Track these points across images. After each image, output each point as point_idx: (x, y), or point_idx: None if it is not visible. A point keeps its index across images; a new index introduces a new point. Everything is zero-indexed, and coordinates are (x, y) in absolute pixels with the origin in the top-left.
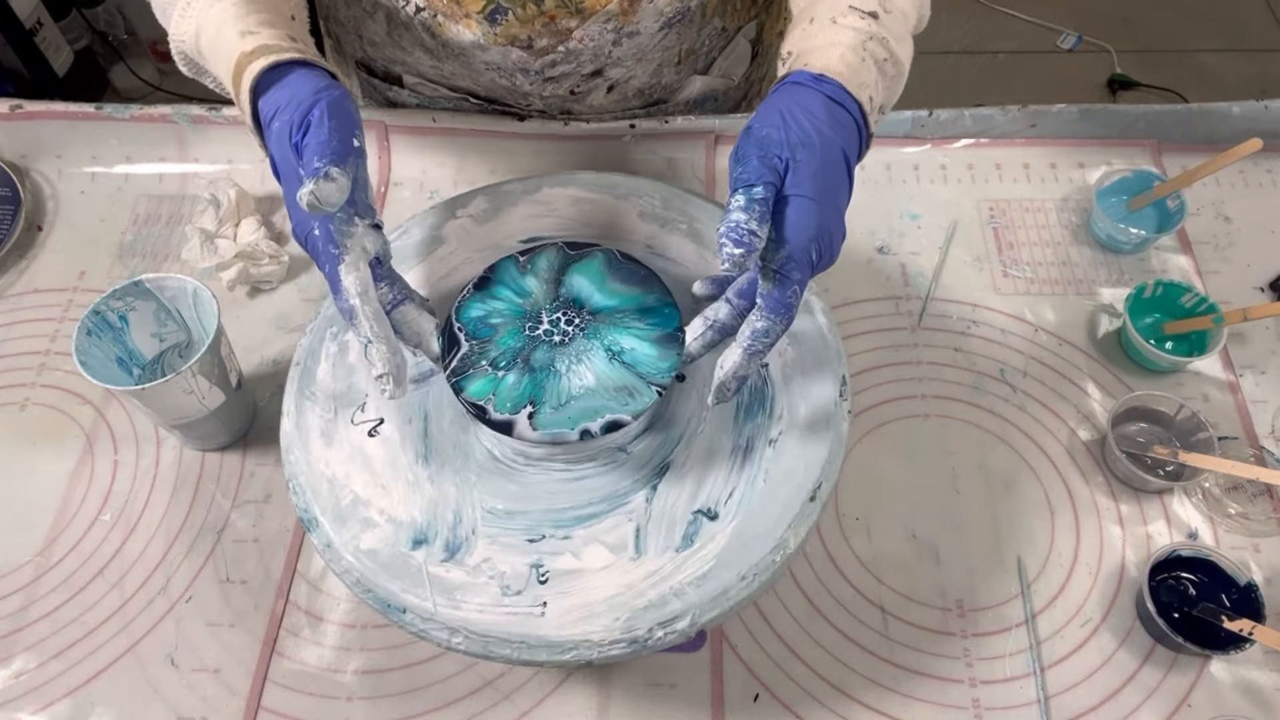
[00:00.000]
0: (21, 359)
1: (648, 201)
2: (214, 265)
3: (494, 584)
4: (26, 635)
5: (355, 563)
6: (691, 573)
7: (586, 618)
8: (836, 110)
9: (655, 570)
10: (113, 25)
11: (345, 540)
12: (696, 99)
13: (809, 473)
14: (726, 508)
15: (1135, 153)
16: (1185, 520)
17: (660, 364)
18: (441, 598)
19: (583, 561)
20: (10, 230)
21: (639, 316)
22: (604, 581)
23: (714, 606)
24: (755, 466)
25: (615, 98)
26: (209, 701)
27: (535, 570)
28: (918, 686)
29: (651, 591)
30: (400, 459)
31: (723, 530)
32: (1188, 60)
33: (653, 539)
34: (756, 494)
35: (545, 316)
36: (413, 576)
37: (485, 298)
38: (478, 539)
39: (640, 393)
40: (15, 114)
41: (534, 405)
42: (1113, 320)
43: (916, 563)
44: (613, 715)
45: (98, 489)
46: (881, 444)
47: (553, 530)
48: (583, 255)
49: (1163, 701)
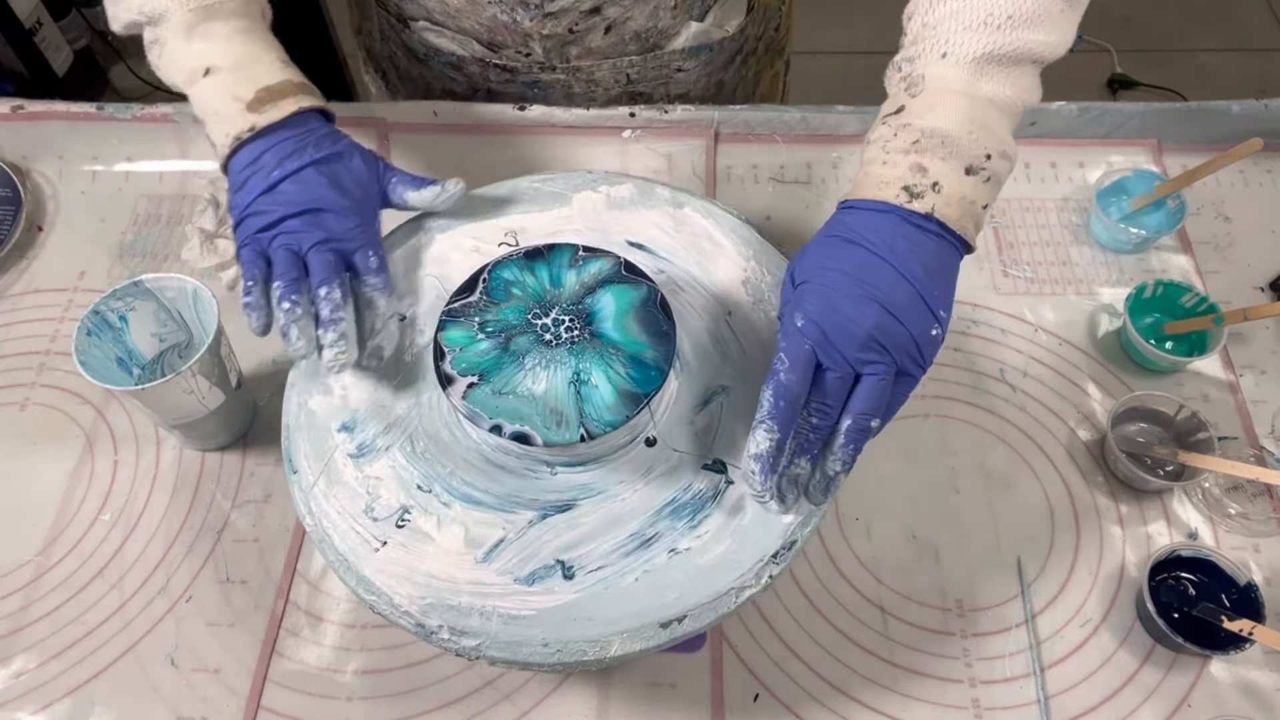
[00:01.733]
0: (21, 359)
1: (762, 274)
2: (214, 265)
3: (364, 499)
4: (26, 635)
5: (295, 411)
6: (510, 608)
7: (403, 578)
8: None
9: (485, 583)
10: None
11: (303, 390)
12: (691, 47)
13: (681, 602)
14: (586, 577)
15: (1135, 152)
16: (1185, 520)
17: (606, 413)
18: (323, 482)
19: (440, 533)
20: (11, 230)
21: (627, 362)
22: (440, 560)
23: (504, 650)
24: (639, 561)
25: (612, 40)
26: (209, 701)
27: (402, 511)
28: (918, 686)
29: (466, 597)
30: (386, 356)
31: (565, 593)
32: (1188, 60)
33: (506, 556)
34: (620, 585)
35: (554, 313)
36: (321, 450)
37: (524, 268)
38: (385, 456)
39: (568, 426)
40: (16, 114)
41: (480, 378)
42: (1113, 320)
43: (916, 563)
44: (613, 715)
45: (98, 489)
46: (881, 444)
47: (441, 491)
48: (630, 281)
49: (1163, 701)
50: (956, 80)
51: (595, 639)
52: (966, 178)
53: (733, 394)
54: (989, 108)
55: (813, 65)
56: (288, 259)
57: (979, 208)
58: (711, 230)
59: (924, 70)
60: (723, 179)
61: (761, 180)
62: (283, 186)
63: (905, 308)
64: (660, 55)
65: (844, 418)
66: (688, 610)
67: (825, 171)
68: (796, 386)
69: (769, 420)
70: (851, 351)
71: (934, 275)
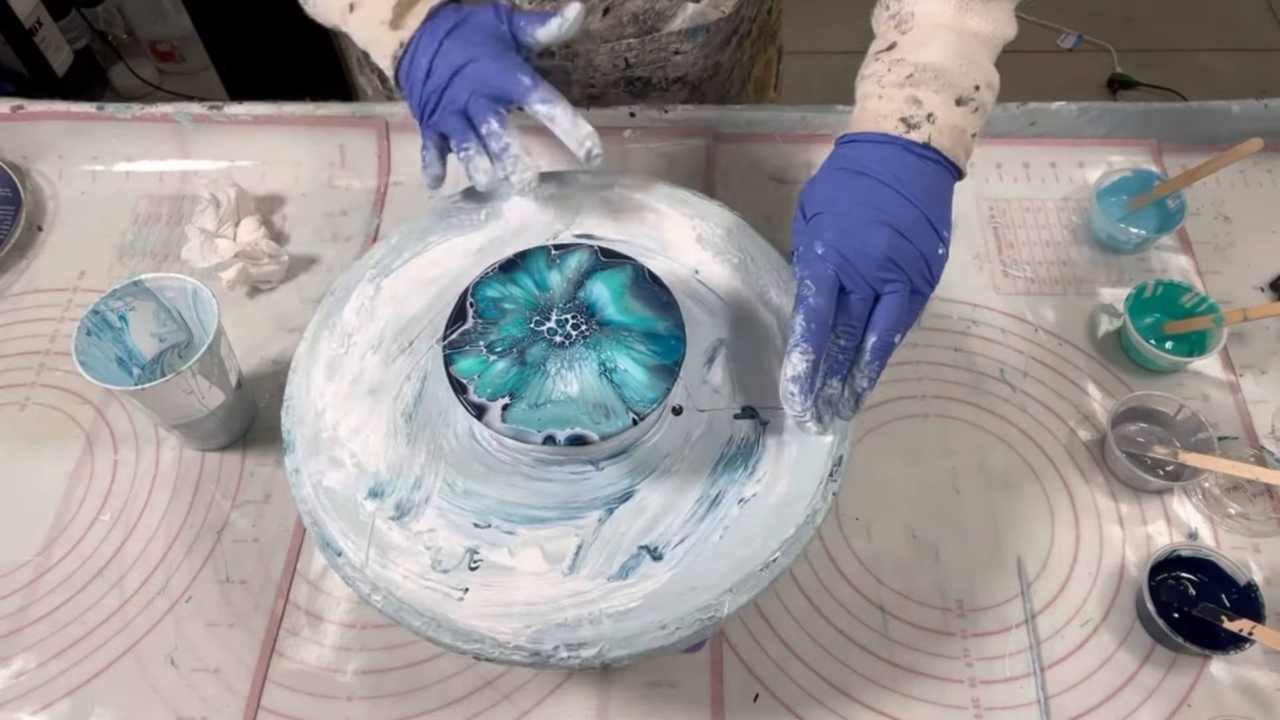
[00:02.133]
0: (21, 359)
1: (711, 227)
2: (214, 265)
3: (428, 555)
4: (26, 635)
5: (312, 495)
6: (615, 605)
7: (499, 615)
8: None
9: (582, 591)
10: (113, 25)
11: (312, 471)
12: (688, 29)
13: (768, 544)
14: (674, 552)
15: (1135, 152)
16: (1185, 520)
17: (647, 392)
18: (376, 553)
19: (516, 560)
20: (11, 230)
21: (644, 340)
22: (529, 586)
23: (625, 646)
24: (716, 521)
25: (610, 22)
26: (209, 701)
27: (470, 554)
28: (918, 686)
29: (570, 610)
30: (387, 410)
31: (661, 573)
32: (1188, 60)
33: (591, 560)
34: (708, 549)
35: (554, 315)
36: (358, 525)
37: (506, 281)
38: (429, 508)
39: (616, 415)
40: (16, 114)
41: (512, 398)
42: (1113, 320)
43: (916, 563)
44: (613, 715)
45: (98, 489)
46: (881, 444)
47: (501, 522)
48: (612, 265)
49: (1163, 701)
50: (944, 16)
51: (706, 605)
52: (957, 108)
53: (730, 343)
54: (974, 41)
55: (813, 65)
56: (453, 119)
57: (968, 136)
58: (648, 200)
59: (913, 8)
60: (722, 179)
61: (761, 180)
62: (432, 69)
63: (914, 229)
64: (658, 38)
65: (869, 335)
66: (779, 548)
67: None
68: (824, 309)
69: (803, 343)
70: (871, 271)
71: (934, 198)
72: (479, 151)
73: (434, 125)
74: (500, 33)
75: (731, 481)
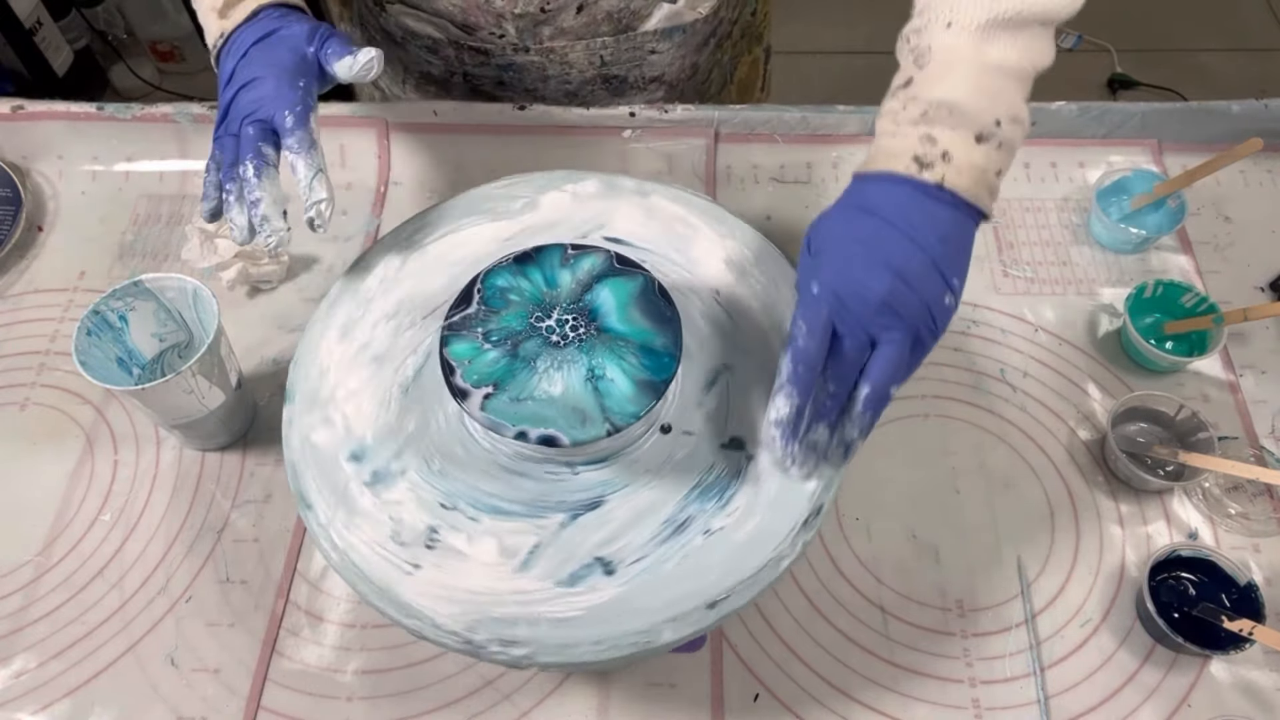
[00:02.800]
0: (21, 359)
1: (742, 249)
2: (214, 265)
3: (389, 525)
4: (26, 635)
5: (299, 447)
6: (557, 611)
7: (443, 598)
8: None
9: (528, 591)
10: (113, 25)
11: (304, 425)
12: (664, 29)
13: (722, 581)
14: (627, 570)
15: (1135, 152)
16: (1185, 520)
17: (628, 405)
18: (343, 513)
19: (472, 548)
20: (11, 230)
21: (638, 353)
22: (478, 575)
23: (557, 654)
24: (677, 547)
25: (585, 20)
26: (209, 701)
27: (430, 532)
28: (918, 686)
29: (511, 607)
30: (387, 379)
31: (609, 588)
32: (1188, 60)
33: (544, 561)
34: (662, 573)
35: (556, 314)
36: (333, 484)
37: (517, 273)
38: (403, 481)
39: (592, 422)
40: (17, 114)
41: (496, 388)
42: (1113, 320)
43: (916, 563)
44: (613, 715)
45: (98, 489)
46: (881, 444)
47: (467, 507)
48: (624, 273)
49: (1163, 702)
50: (962, 48)
51: (645, 629)
52: (977, 145)
53: (737, 371)
54: (997, 74)
55: (812, 65)
56: (231, 142)
57: (992, 174)
58: (683, 213)
59: (930, 41)
60: (723, 179)
61: (761, 180)
62: (234, 75)
63: (918, 275)
64: (633, 37)
65: (862, 385)
66: (732, 588)
67: (825, 171)
68: (814, 352)
69: (789, 385)
70: (867, 317)
71: (947, 243)
72: (238, 199)
73: (219, 141)
74: (304, 55)
75: (702, 510)
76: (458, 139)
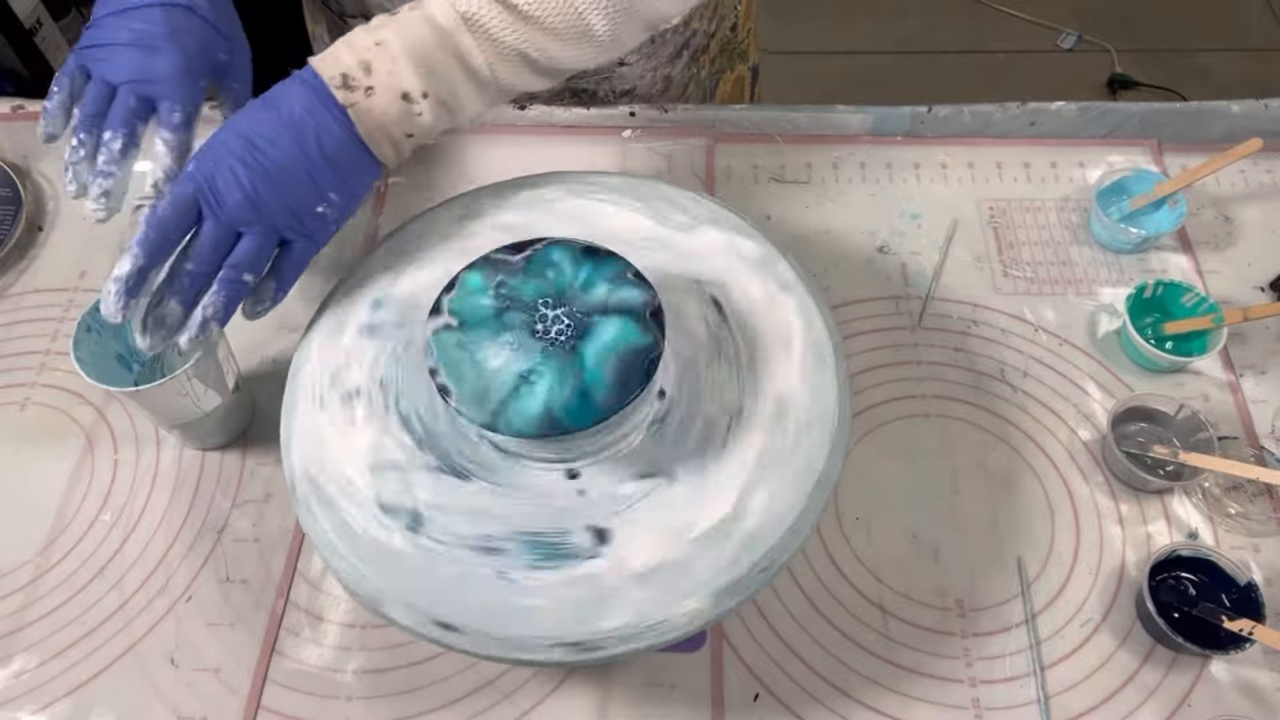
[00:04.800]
0: (21, 359)
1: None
2: None
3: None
4: (26, 635)
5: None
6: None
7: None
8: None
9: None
10: None
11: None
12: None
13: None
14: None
15: (1135, 152)
16: (1185, 520)
17: (516, 421)
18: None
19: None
20: (11, 230)
21: (577, 395)
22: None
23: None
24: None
25: None
26: (209, 701)
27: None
28: (918, 686)
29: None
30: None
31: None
32: (1188, 60)
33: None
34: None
35: (560, 312)
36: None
37: (573, 259)
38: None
39: (479, 410)
40: (17, 114)
41: (460, 326)
42: (1113, 320)
43: (916, 563)
44: (613, 715)
45: (98, 489)
46: (881, 444)
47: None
48: (642, 324)
49: (1163, 701)
50: (443, 17)
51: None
52: (400, 102)
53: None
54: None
55: (812, 65)
56: (98, 90)
57: (400, 134)
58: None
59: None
60: (723, 179)
61: (761, 180)
62: (129, 16)
63: (288, 179)
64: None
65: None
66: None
67: (825, 171)
68: (170, 221)
69: (136, 247)
70: (229, 207)
71: (332, 160)
72: (90, 155)
73: (77, 59)
74: (215, 60)
75: (557, 564)
76: (458, 138)
